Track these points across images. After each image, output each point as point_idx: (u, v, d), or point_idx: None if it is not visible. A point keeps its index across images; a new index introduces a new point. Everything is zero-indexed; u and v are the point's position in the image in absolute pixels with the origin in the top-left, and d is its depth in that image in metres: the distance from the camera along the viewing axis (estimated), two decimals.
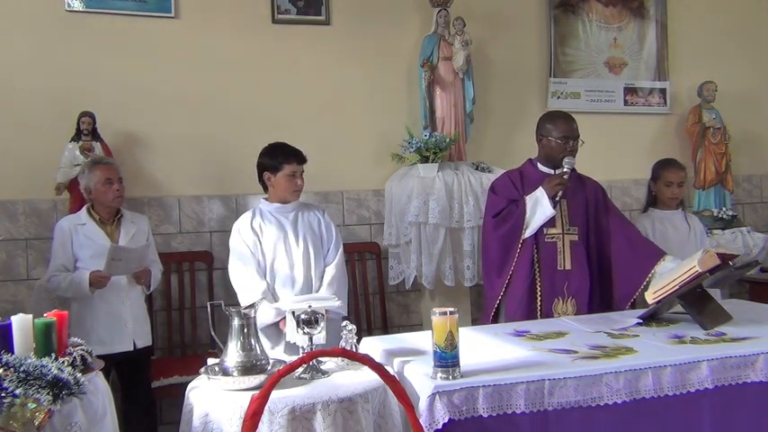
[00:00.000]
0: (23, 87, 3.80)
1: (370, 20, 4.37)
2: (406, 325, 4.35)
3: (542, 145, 3.17)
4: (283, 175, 3.13)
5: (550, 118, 3.17)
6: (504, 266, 3.06)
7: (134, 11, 3.99)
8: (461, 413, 1.91)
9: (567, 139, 3.07)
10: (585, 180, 3.26)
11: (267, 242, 3.13)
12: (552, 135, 3.09)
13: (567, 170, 3.02)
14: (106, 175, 3.27)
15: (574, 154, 3.08)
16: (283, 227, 3.17)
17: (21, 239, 3.82)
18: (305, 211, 3.26)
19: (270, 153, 3.17)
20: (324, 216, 3.29)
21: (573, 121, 3.12)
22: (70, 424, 1.83)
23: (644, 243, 3.12)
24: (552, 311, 3.01)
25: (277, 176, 3.14)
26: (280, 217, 3.19)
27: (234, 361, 2.12)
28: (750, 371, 2.13)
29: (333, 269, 3.20)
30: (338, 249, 3.26)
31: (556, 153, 3.09)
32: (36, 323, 2.03)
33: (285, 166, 3.12)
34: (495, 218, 3.08)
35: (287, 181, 3.13)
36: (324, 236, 3.24)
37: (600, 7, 4.88)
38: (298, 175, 3.15)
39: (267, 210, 3.21)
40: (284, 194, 3.17)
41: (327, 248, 3.24)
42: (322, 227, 3.25)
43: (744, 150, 5.08)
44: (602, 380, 2.02)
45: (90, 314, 3.23)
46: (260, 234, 3.14)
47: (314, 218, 3.25)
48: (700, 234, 3.67)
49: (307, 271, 3.15)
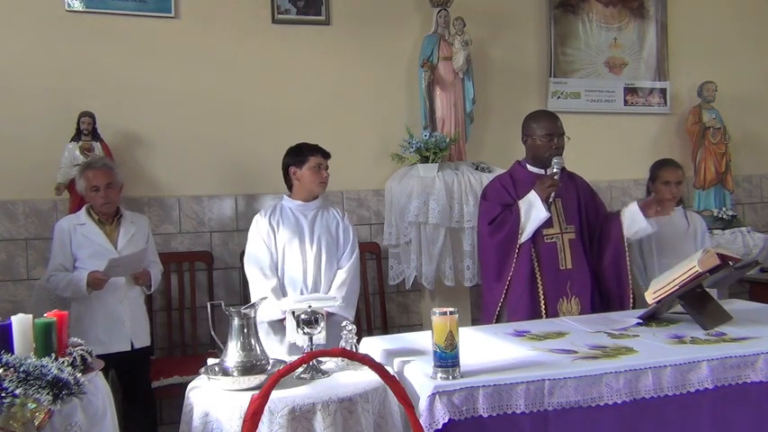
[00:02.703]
0: (23, 87, 3.80)
1: (370, 20, 4.37)
2: (406, 325, 4.35)
3: (528, 145, 3.18)
4: (309, 167, 3.20)
5: (534, 117, 3.18)
6: (502, 271, 3.05)
7: (134, 11, 3.99)
8: (461, 413, 1.91)
9: (552, 136, 3.07)
10: (575, 177, 3.25)
11: (281, 240, 3.17)
12: (537, 134, 3.10)
13: (557, 170, 3.02)
14: (92, 183, 3.25)
15: (560, 151, 3.08)
16: (300, 226, 3.20)
17: (21, 239, 3.82)
18: (325, 212, 3.28)
19: (294, 150, 3.27)
20: (343, 219, 3.31)
21: (557, 119, 3.13)
22: (70, 424, 1.83)
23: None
24: (558, 311, 3.01)
25: (303, 170, 3.20)
26: (299, 215, 3.23)
27: (234, 361, 2.12)
28: (750, 371, 2.13)
29: (344, 273, 3.22)
30: (353, 254, 3.27)
31: (542, 152, 3.09)
32: (36, 323, 2.03)
33: (311, 158, 3.20)
34: (491, 225, 3.06)
35: (313, 173, 3.20)
36: (340, 239, 3.27)
37: (600, 7, 4.88)
38: (323, 167, 3.23)
39: (288, 206, 3.26)
40: (311, 186, 3.22)
41: (342, 252, 3.26)
42: (339, 230, 3.27)
43: (744, 150, 5.09)
44: (602, 380, 2.02)
45: (88, 314, 3.22)
46: (276, 230, 3.18)
47: (332, 220, 3.28)
48: (701, 232, 3.66)
49: (316, 273, 3.17)
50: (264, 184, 4.14)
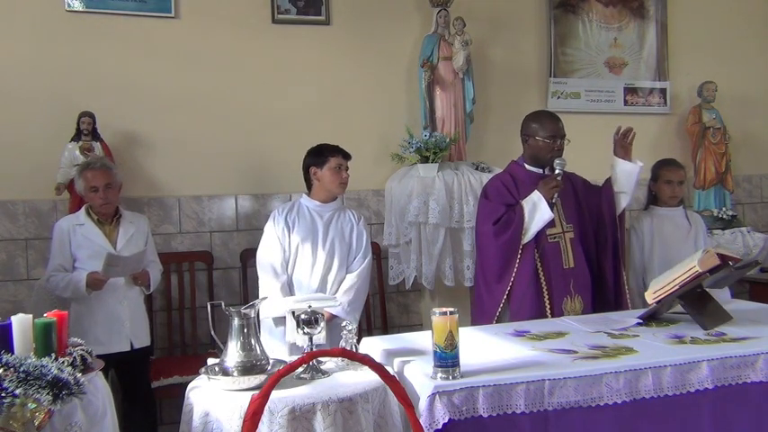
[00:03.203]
0: (23, 87, 3.80)
1: (370, 20, 4.37)
2: (406, 325, 4.35)
3: (528, 145, 3.16)
4: (329, 168, 3.22)
5: (536, 117, 3.17)
6: (505, 272, 3.03)
7: (134, 11, 3.99)
8: (461, 413, 1.90)
9: (555, 138, 3.07)
10: (570, 176, 3.23)
11: (295, 238, 3.20)
12: (539, 135, 3.09)
13: (560, 171, 3.02)
14: (91, 184, 3.26)
15: (561, 153, 3.08)
16: (315, 226, 3.23)
17: (21, 239, 3.82)
18: (341, 215, 3.30)
19: (315, 150, 3.30)
20: (358, 223, 3.33)
21: (559, 120, 3.12)
22: (70, 424, 1.83)
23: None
24: (563, 310, 3.00)
25: (323, 170, 3.23)
26: (315, 216, 3.26)
27: (234, 361, 2.12)
28: (750, 371, 2.13)
29: (354, 278, 3.24)
30: (365, 259, 3.29)
31: (543, 153, 3.09)
32: (36, 323, 2.03)
33: (331, 159, 3.23)
34: (496, 225, 3.04)
35: (333, 174, 3.22)
36: (353, 244, 3.29)
37: (600, 7, 4.88)
38: (343, 168, 3.26)
39: (306, 205, 3.29)
40: (331, 187, 3.25)
41: (354, 256, 3.28)
42: (353, 234, 3.30)
43: (744, 150, 5.09)
44: (602, 380, 2.02)
45: (88, 314, 3.23)
46: (291, 229, 3.21)
47: (347, 223, 3.30)
48: (702, 233, 3.66)
49: (324, 275, 3.20)
50: (265, 184, 4.14)
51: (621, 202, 3.19)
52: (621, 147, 3.18)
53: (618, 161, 3.18)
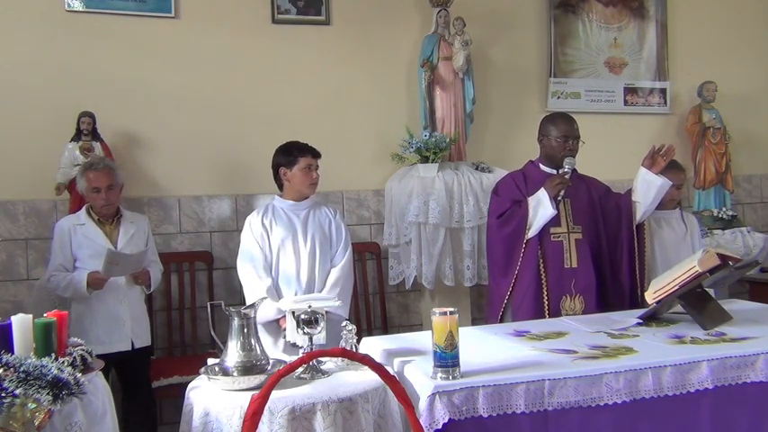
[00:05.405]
0: (23, 87, 3.80)
1: (370, 20, 4.37)
2: (406, 325, 4.35)
3: (543, 145, 3.23)
4: (299, 168, 3.17)
5: (551, 118, 3.25)
6: (509, 267, 3.10)
7: (134, 11, 3.99)
8: (461, 413, 1.90)
9: (567, 138, 3.12)
10: (590, 181, 3.30)
11: (275, 239, 3.16)
12: (552, 135, 3.16)
13: (568, 170, 3.05)
14: (93, 184, 3.25)
15: (574, 154, 3.12)
16: (293, 225, 3.19)
17: (21, 239, 3.82)
18: (317, 211, 3.27)
19: (284, 150, 3.23)
20: (335, 217, 3.30)
21: (573, 122, 3.18)
22: (70, 424, 1.83)
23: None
24: (560, 309, 3.03)
25: (293, 170, 3.18)
26: (291, 215, 3.22)
27: (234, 361, 2.12)
28: (750, 371, 2.13)
29: (338, 271, 3.21)
30: (346, 251, 3.26)
31: (556, 152, 3.14)
32: (36, 323, 2.03)
33: (300, 159, 3.17)
34: (500, 218, 3.11)
35: (303, 174, 3.17)
36: (333, 237, 3.26)
37: (600, 7, 4.88)
38: (313, 168, 3.20)
39: (280, 206, 3.24)
40: (301, 188, 3.20)
41: (336, 250, 3.25)
42: (332, 228, 3.26)
43: (744, 150, 5.09)
44: (602, 380, 2.02)
45: (88, 314, 3.23)
46: (269, 231, 3.17)
47: (325, 218, 3.27)
48: (696, 234, 3.66)
49: (311, 271, 3.16)
50: (265, 185, 4.11)
51: (638, 212, 3.19)
52: (652, 158, 3.18)
53: (642, 170, 3.20)
